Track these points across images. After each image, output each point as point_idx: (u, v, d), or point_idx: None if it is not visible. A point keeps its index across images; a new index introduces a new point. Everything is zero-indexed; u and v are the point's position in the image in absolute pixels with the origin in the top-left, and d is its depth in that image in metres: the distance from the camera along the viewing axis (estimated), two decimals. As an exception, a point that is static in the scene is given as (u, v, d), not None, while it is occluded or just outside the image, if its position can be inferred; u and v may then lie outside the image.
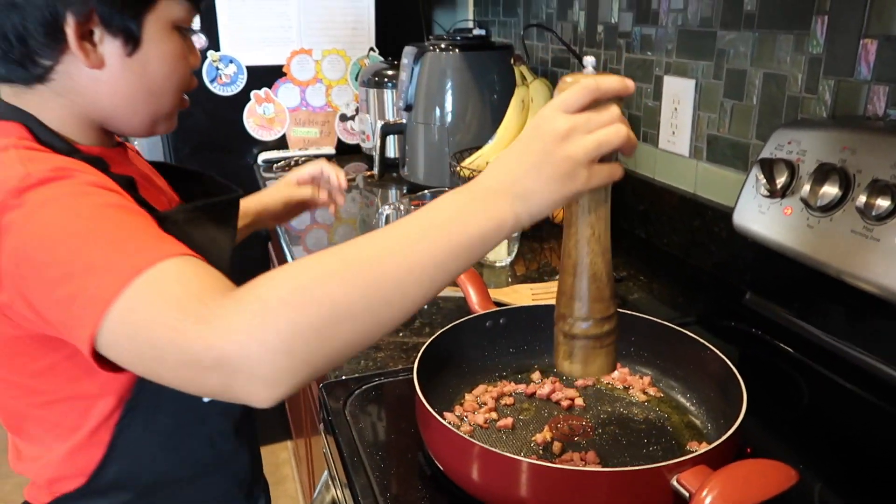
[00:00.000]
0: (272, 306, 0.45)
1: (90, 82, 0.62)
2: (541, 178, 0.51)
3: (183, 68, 0.67)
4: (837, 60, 0.89)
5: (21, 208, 0.52)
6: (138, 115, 0.66)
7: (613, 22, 1.35)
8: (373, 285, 0.47)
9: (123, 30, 0.61)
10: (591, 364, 0.60)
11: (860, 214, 0.75)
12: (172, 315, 0.47)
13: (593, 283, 0.58)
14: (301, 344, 0.45)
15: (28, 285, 0.52)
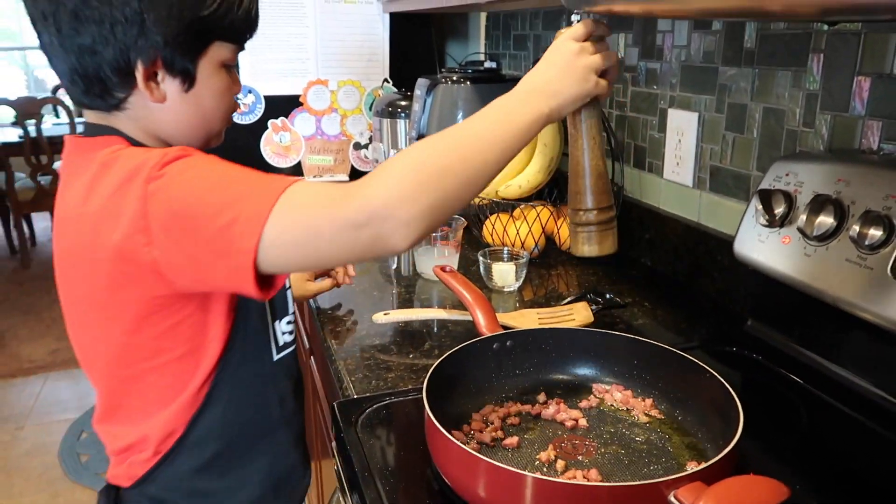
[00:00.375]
0: (401, 173, 0.62)
1: (156, 111, 0.74)
2: (564, 81, 0.72)
3: (229, 98, 0.79)
4: (833, 96, 0.93)
5: (164, 178, 0.63)
6: (195, 136, 0.78)
7: (620, 56, 1.40)
8: (467, 156, 0.65)
9: (182, 71, 0.72)
10: (603, 244, 0.81)
11: (854, 244, 0.78)
12: (323, 201, 0.61)
13: (598, 180, 0.79)
14: (424, 195, 0.61)
15: (184, 233, 0.63)
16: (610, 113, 1.45)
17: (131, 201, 0.64)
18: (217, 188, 0.63)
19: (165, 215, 0.63)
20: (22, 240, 4.33)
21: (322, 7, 1.94)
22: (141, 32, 0.68)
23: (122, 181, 0.65)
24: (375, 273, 1.34)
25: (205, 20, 0.71)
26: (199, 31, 0.71)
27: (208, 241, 0.62)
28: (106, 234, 0.65)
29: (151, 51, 0.69)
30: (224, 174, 0.65)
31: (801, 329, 0.92)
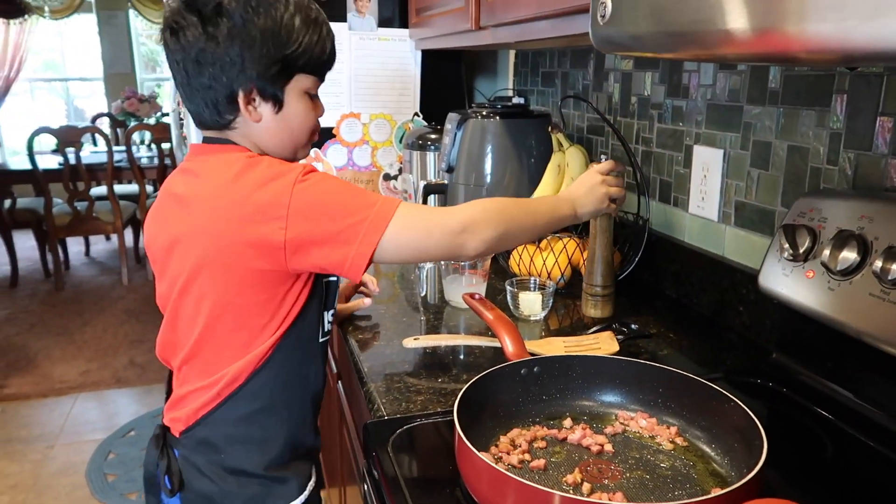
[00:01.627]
0: (488, 209, 0.94)
1: (256, 128, 0.93)
2: (588, 199, 1.07)
3: (312, 119, 0.97)
4: (856, 135, 0.95)
5: (308, 182, 0.86)
6: (286, 147, 0.97)
7: (646, 94, 1.44)
8: (525, 220, 0.98)
9: (272, 97, 0.92)
10: (604, 309, 1.22)
11: (877, 279, 0.80)
12: (432, 215, 0.92)
13: (606, 267, 1.21)
14: (496, 227, 0.93)
15: (319, 222, 0.85)
16: (636, 148, 1.48)
17: (278, 195, 0.84)
18: (351, 195, 0.88)
19: (307, 206, 0.84)
20: (57, 263, 4.45)
21: (357, 43, 2.02)
22: (241, 70, 0.88)
23: (269, 177, 0.86)
24: (403, 301, 1.38)
25: (288, 58, 0.90)
26: (284, 66, 0.90)
27: (339, 232, 0.85)
28: (248, 216, 0.85)
29: (248, 83, 0.89)
30: (353, 187, 0.90)
31: (826, 362, 0.93)
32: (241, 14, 0.87)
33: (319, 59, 0.93)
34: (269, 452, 0.96)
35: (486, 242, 0.91)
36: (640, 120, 1.47)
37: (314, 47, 0.91)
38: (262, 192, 0.85)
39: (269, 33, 0.88)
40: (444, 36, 1.71)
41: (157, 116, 5.19)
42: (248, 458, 0.96)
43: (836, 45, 0.49)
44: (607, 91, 1.60)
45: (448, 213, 0.91)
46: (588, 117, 1.72)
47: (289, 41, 0.89)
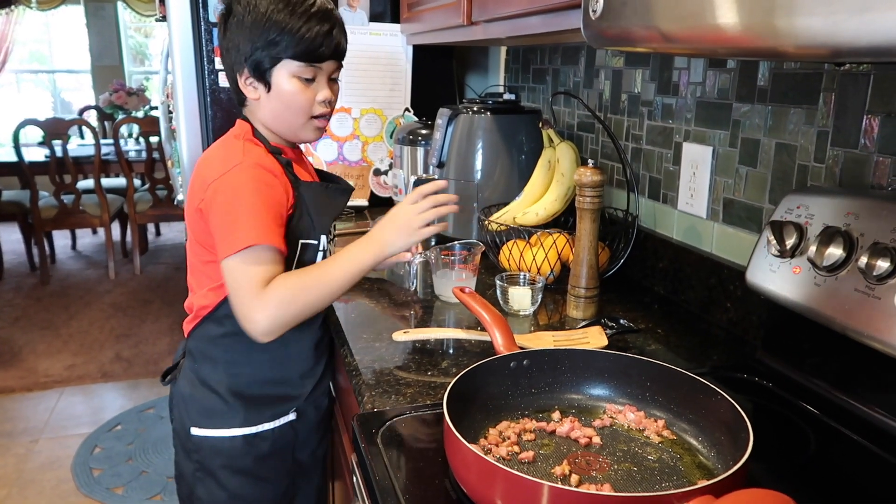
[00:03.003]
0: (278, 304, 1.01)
1: (258, 106, 1.12)
2: (395, 235, 1.09)
3: (301, 101, 1.09)
4: (843, 134, 0.96)
5: (231, 173, 1.03)
6: (283, 125, 1.13)
7: (636, 92, 1.45)
8: (323, 292, 1.05)
9: (262, 80, 1.08)
10: (587, 311, 1.22)
11: (862, 274, 0.81)
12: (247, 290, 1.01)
13: (590, 269, 1.21)
14: (283, 322, 1.03)
15: (212, 216, 1.04)
16: (626, 145, 1.49)
17: (217, 169, 1.04)
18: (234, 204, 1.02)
19: (214, 192, 1.03)
20: (42, 256, 4.41)
21: (348, 38, 2.01)
22: (237, 55, 1.08)
23: (223, 158, 1.07)
24: (393, 295, 1.38)
25: (270, 46, 1.05)
26: (269, 52, 1.05)
27: (216, 228, 1.04)
28: (197, 183, 1.08)
29: (242, 66, 1.08)
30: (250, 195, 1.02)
31: (812, 357, 0.94)
32: (242, 8, 1.06)
33: (304, 48, 1.05)
34: (233, 375, 1.15)
35: (273, 333, 1.03)
36: (630, 117, 1.48)
37: (297, 36, 1.04)
38: (209, 169, 1.06)
39: (258, 24, 1.05)
40: (436, 31, 1.71)
41: (145, 109, 5.15)
42: (214, 374, 1.15)
43: (825, 40, 0.50)
44: (598, 88, 1.60)
45: (254, 299, 1.00)
46: (578, 114, 1.72)
47: (272, 30, 1.04)
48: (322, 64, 1.08)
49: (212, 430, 1.16)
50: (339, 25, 1.10)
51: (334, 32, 1.08)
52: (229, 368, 1.15)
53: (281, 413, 1.19)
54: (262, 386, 1.16)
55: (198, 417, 1.16)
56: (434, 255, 1.32)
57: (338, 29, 1.09)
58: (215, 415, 1.15)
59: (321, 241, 1.14)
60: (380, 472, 0.76)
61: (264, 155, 1.09)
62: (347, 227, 1.88)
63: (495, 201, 1.56)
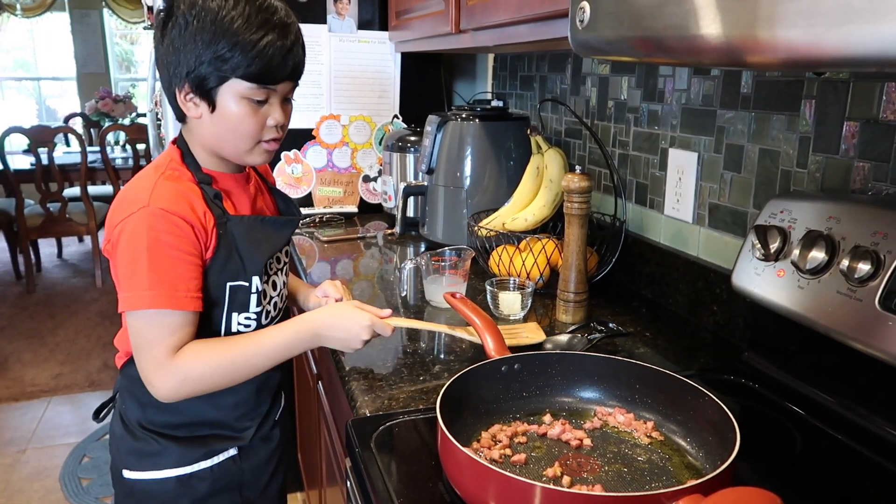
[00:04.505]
0: (183, 379, 0.94)
1: (199, 125, 0.98)
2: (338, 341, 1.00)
3: (247, 125, 0.96)
4: (824, 139, 0.99)
5: (132, 218, 0.91)
6: (227, 148, 0.99)
7: (623, 98, 1.47)
8: (239, 375, 0.98)
9: (206, 98, 0.95)
10: (576, 315, 1.23)
11: (844, 277, 0.83)
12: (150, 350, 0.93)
13: (579, 274, 1.22)
14: (188, 395, 0.96)
15: (114, 261, 0.94)
16: (613, 151, 1.51)
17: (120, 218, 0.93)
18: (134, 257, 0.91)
19: (118, 235, 0.93)
20: (28, 265, 4.37)
21: (337, 45, 2.02)
22: (177, 68, 0.94)
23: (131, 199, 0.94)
24: (383, 301, 1.39)
25: (217, 62, 0.91)
26: (214, 70, 0.92)
27: (116, 274, 0.95)
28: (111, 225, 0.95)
29: (182, 81, 0.94)
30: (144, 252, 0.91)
31: (797, 359, 0.96)
32: (185, 11, 0.92)
33: (259, 67, 0.91)
34: (162, 417, 1.05)
35: (177, 400, 0.97)
36: (616, 123, 1.50)
37: (252, 54, 0.90)
38: (118, 207, 0.95)
39: (205, 33, 0.90)
40: (424, 39, 1.73)
41: (132, 117, 5.13)
42: (143, 414, 1.06)
43: (805, 51, 0.52)
44: (585, 95, 1.63)
45: (157, 368, 0.93)
46: (566, 120, 1.74)
47: (222, 43, 0.90)
48: (277, 85, 0.95)
49: (143, 473, 1.06)
50: (300, 40, 0.96)
51: (294, 49, 0.94)
52: (158, 410, 1.04)
53: (219, 450, 1.08)
54: (193, 428, 1.06)
55: (128, 458, 1.07)
56: (424, 261, 1.33)
57: (298, 46, 0.95)
58: (145, 456, 1.05)
59: (253, 282, 1.01)
60: (374, 476, 0.77)
61: (178, 193, 0.94)
62: (337, 234, 1.89)
63: (484, 207, 1.58)
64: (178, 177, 0.97)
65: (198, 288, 0.94)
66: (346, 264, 1.68)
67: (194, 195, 0.96)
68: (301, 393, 1.99)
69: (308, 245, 1.81)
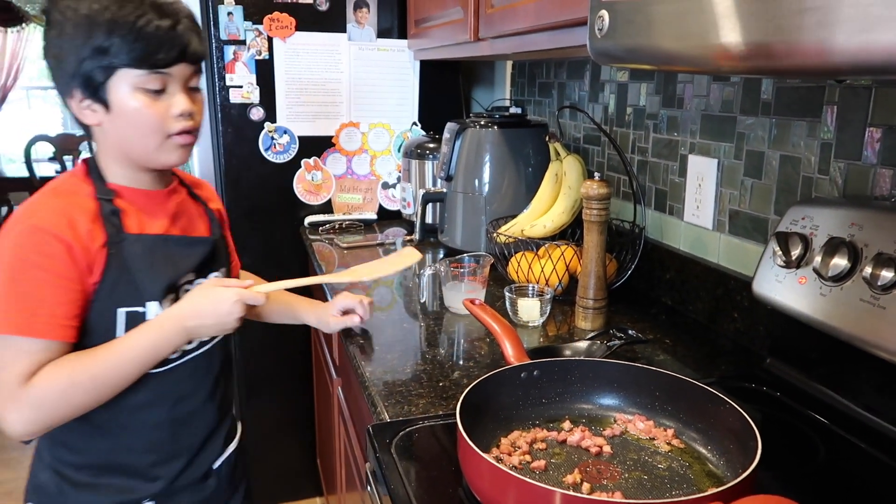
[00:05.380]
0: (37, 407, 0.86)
1: (101, 133, 0.92)
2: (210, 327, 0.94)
3: (147, 117, 0.89)
4: (846, 146, 0.98)
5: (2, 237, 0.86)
6: (135, 150, 0.92)
7: (641, 105, 1.47)
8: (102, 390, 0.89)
9: (98, 99, 0.88)
10: (595, 322, 1.23)
11: (867, 284, 0.82)
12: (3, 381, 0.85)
13: (598, 281, 1.22)
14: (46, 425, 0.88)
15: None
16: (632, 157, 1.51)
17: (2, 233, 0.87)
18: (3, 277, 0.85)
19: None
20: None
21: (356, 54, 2.04)
22: (62, 74, 0.88)
23: (18, 214, 0.88)
24: (402, 307, 1.39)
25: (98, 54, 0.85)
26: (99, 63, 0.85)
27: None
28: None
29: (71, 86, 0.88)
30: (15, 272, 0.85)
31: (819, 366, 0.96)
32: (60, 13, 0.86)
33: (142, 50, 0.85)
34: (62, 454, 0.97)
35: (33, 435, 0.88)
36: (635, 130, 1.50)
37: (131, 36, 0.84)
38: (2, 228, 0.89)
39: (80, 28, 0.85)
40: (443, 47, 1.74)
41: (154, 125, 5.20)
42: (46, 448, 0.99)
43: (826, 60, 0.52)
44: (603, 101, 1.63)
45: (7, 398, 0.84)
46: (584, 127, 1.75)
47: (99, 33, 0.84)
48: (170, 69, 0.88)
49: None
50: (188, 20, 0.89)
51: (179, 28, 0.87)
52: (63, 446, 0.96)
53: (126, 501, 0.98)
54: (97, 473, 0.97)
55: (32, 490, 1.00)
56: (444, 268, 1.34)
57: (184, 25, 0.88)
58: (47, 494, 0.97)
59: (150, 308, 0.92)
60: (395, 481, 0.78)
61: (58, 210, 0.87)
62: (356, 241, 1.91)
63: (503, 214, 1.58)
64: (74, 192, 0.90)
65: (69, 315, 0.86)
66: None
67: (81, 212, 0.88)
68: (320, 398, 2.00)
69: (328, 251, 1.83)
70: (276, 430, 2.21)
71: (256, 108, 1.98)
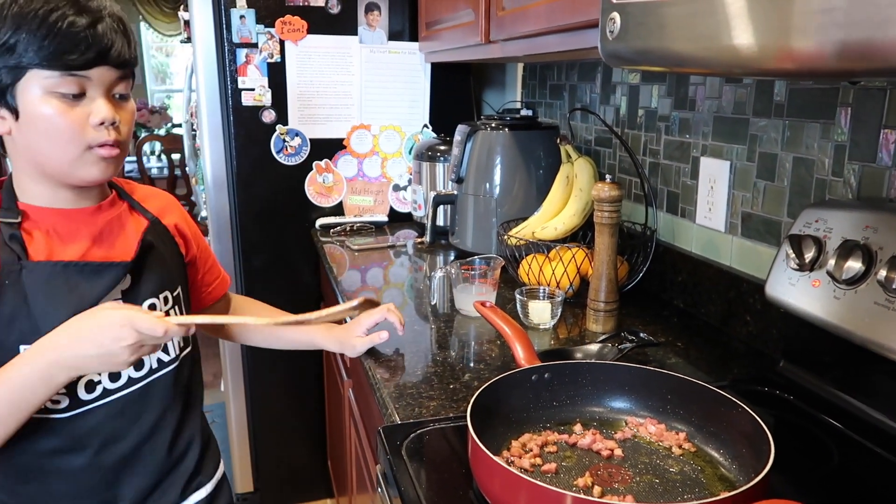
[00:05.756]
0: None
1: (11, 143, 0.83)
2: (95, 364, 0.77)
3: (62, 126, 0.80)
4: (860, 147, 0.97)
5: None
6: (49, 163, 0.83)
7: (653, 107, 1.46)
8: None
9: (5, 104, 0.80)
10: (606, 325, 1.23)
11: (882, 287, 0.81)
12: None
13: (609, 283, 1.22)
14: None
15: None
16: (644, 160, 1.50)
17: None
18: None
19: None
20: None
21: (368, 56, 2.05)
22: None
23: None
24: (413, 310, 1.40)
25: (5, 51, 0.76)
26: (5, 63, 0.76)
27: None
28: None
29: None
30: None
31: (832, 370, 0.95)
32: None
33: (53, 48, 0.76)
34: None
35: None
36: (647, 132, 1.49)
37: (41, 33, 0.75)
38: None
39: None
40: (454, 49, 1.74)
41: (167, 127, 5.25)
42: None
43: (839, 61, 0.51)
44: (615, 103, 1.62)
45: None
46: (596, 129, 1.74)
47: (5, 29, 0.75)
48: (88, 72, 0.79)
49: None
50: (112, 19, 0.80)
51: (99, 27, 0.78)
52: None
53: None
54: None
55: None
56: (454, 270, 1.34)
57: (106, 23, 0.79)
58: None
59: None
60: (405, 483, 0.78)
61: None
62: (367, 243, 1.91)
63: (514, 216, 1.58)
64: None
65: None
66: (375, 273, 1.69)
67: None
68: (331, 400, 2.01)
69: (339, 254, 1.84)
70: (287, 432, 2.22)
71: (268, 110, 1.99)
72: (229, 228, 2.05)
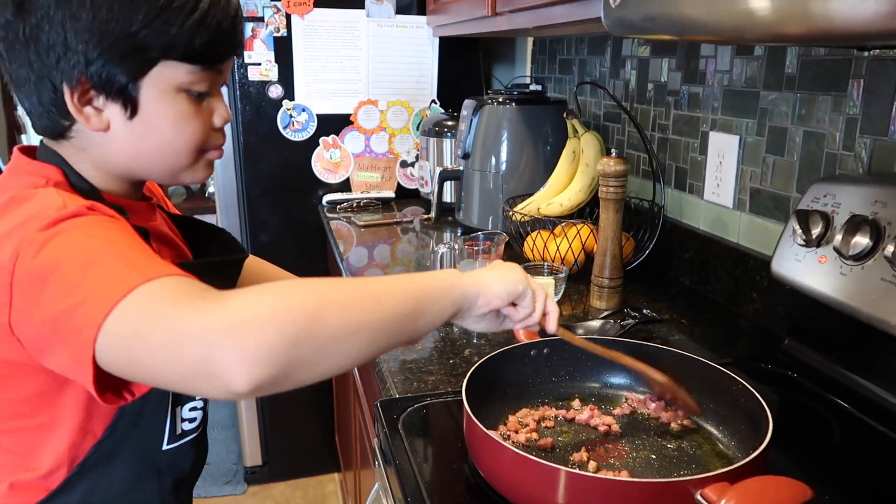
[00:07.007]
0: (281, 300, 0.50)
1: (102, 141, 0.68)
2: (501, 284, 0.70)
3: (190, 129, 0.70)
4: (872, 121, 0.94)
5: (39, 239, 0.56)
6: (153, 169, 0.72)
7: (663, 81, 1.43)
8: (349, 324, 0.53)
9: (120, 95, 0.65)
10: (610, 301, 1.21)
11: (889, 264, 0.79)
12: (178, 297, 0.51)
13: (613, 260, 1.20)
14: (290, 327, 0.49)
15: (35, 302, 0.54)
16: (652, 135, 1.48)
17: (6, 252, 0.56)
18: (83, 263, 0.54)
19: (27, 278, 0.55)
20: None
21: (375, 31, 2.03)
22: (65, 53, 0.62)
23: (15, 226, 0.58)
24: (419, 284, 1.39)
25: (137, 35, 0.62)
26: (134, 49, 0.63)
27: (54, 319, 0.53)
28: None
29: (77, 73, 0.63)
30: (100, 249, 0.56)
31: (838, 347, 0.93)
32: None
33: (196, 38, 0.65)
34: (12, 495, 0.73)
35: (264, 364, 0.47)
36: (656, 107, 1.46)
37: (181, 19, 0.63)
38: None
39: (110, 8, 0.61)
40: (461, 23, 1.71)
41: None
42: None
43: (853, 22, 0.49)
44: (624, 78, 1.59)
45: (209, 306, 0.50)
46: (605, 104, 1.71)
47: (141, 10, 0.62)
48: (223, 65, 0.71)
49: None
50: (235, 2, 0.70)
51: (240, 13, 0.70)
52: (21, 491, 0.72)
53: None
54: None
55: None
56: (458, 245, 1.33)
57: (233, 6, 0.69)
58: None
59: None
60: (400, 456, 0.78)
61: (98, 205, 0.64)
62: (374, 219, 1.90)
63: (520, 192, 1.57)
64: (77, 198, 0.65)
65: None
66: (382, 249, 1.69)
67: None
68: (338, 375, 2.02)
69: (346, 230, 1.83)
70: (296, 407, 2.23)
71: (275, 85, 1.97)
72: (236, 204, 2.05)
